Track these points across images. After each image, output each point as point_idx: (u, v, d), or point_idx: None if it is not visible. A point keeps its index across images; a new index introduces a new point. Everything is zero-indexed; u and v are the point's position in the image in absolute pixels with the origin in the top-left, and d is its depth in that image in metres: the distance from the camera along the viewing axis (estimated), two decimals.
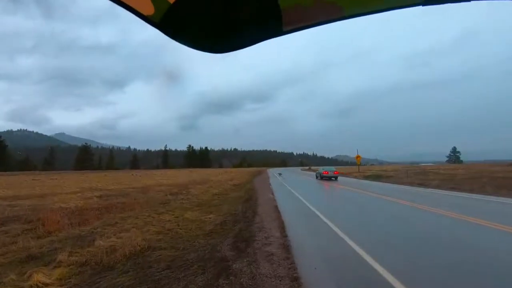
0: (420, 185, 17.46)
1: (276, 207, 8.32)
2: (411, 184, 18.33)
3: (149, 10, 0.63)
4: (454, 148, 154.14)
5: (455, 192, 12.51)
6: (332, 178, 24.69)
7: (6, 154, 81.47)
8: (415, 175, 28.15)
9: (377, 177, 26.05)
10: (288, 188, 15.94)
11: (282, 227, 5.47)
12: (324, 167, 28.42)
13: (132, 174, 48.99)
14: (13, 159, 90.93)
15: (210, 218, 7.65)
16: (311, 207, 8.51)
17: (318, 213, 7.44)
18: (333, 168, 27.41)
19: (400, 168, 54.90)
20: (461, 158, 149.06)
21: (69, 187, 22.77)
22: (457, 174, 27.56)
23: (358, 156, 33.27)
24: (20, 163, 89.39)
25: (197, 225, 6.69)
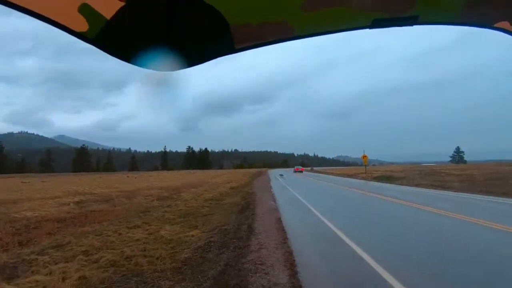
0: (440, 187, 15.54)
1: (279, 220, 6.36)
2: (429, 186, 16.39)
3: (82, 27, 0.60)
4: (458, 148, 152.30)
5: (491, 197, 10.54)
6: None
7: (3, 156, 79.91)
8: (427, 176, 26.21)
9: (387, 179, 24.11)
10: (292, 193, 13.83)
11: (291, 263, 3.49)
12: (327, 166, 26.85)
13: (127, 176, 47.24)
14: (11, 161, 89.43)
15: (192, 236, 5.77)
16: (328, 222, 6.33)
17: (339, 232, 5.27)
18: (300, 166, 60.02)
19: (406, 169, 52.83)
20: (464, 158, 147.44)
21: (53, 191, 20.94)
22: (472, 174, 25.61)
23: (364, 156, 31.26)
24: (17, 166, 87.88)
25: (170, 251, 4.80)
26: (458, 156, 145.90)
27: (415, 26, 0.69)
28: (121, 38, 0.65)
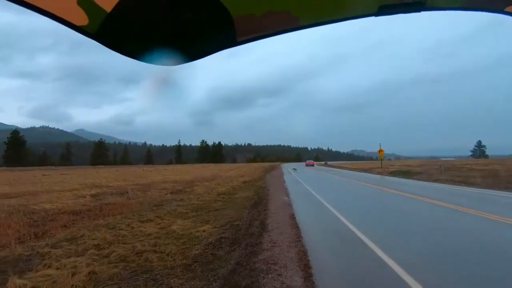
0: (462, 183, 14.84)
1: (292, 217, 6.11)
2: (449, 182, 15.71)
3: (82, 21, 0.59)
4: (479, 142, 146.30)
5: None
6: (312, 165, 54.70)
7: (25, 149, 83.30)
8: (447, 171, 25.19)
9: (404, 174, 23.35)
10: (306, 187, 13.49)
11: (306, 265, 3.26)
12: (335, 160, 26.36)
13: (143, 170, 48.18)
14: (33, 154, 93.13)
15: (203, 231, 5.66)
16: (344, 219, 5.95)
17: (356, 230, 5.01)
18: (311, 160, 67.24)
19: (424, 163, 51.17)
20: (486, 153, 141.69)
21: (71, 184, 21.55)
22: (496, 170, 24.37)
23: (381, 150, 30.43)
24: (39, 159, 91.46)
25: (181, 246, 4.71)
26: (479, 151, 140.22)
27: (429, 13, 0.66)
28: (122, 32, 0.64)
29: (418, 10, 0.65)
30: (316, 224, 5.92)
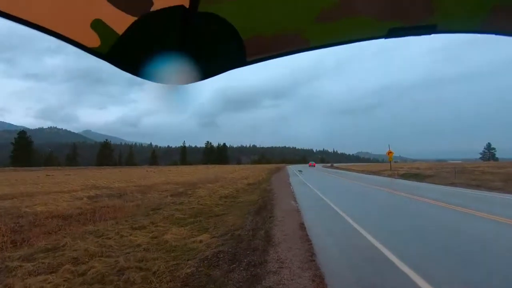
0: (480, 187, 13.90)
1: (302, 226, 5.29)
2: (465, 185, 14.75)
3: (94, 42, 0.61)
4: (489, 145, 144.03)
5: None
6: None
7: (31, 150, 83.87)
8: (460, 174, 24.09)
9: (415, 177, 22.37)
10: (314, 191, 12.59)
11: None
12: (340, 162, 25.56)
13: (147, 170, 47.81)
14: (39, 155, 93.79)
15: (199, 242, 4.94)
16: (363, 231, 5.08)
17: (380, 245, 4.20)
18: (313, 161, 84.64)
19: (433, 166, 49.78)
20: (496, 155, 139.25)
21: (72, 184, 21.08)
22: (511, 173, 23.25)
23: (390, 152, 29.43)
24: (45, 159, 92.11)
25: (172, 262, 3.99)
26: (489, 153, 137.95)
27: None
28: (133, 53, 0.65)
29: (429, 33, 0.65)
30: (331, 238, 4.99)
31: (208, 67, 0.70)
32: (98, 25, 0.56)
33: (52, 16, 0.53)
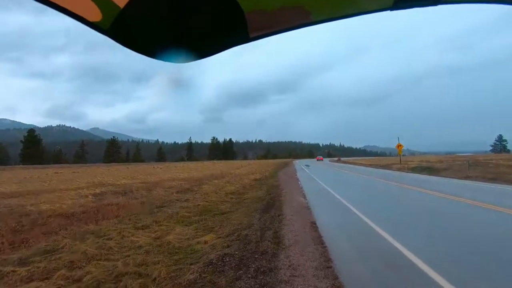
0: (498, 180, 13.31)
1: (314, 226, 4.91)
2: (482, 179, 14.16)
3: (96, 16, 0.59)
4: (500, 136, 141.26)
5: None
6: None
7: (40, 148, 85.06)
8: (474, 167, 23.35)
9: (427, 170, 21.72)
10: (323, 187, 12.12)
11: None
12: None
13: (153, 167, 47.91)
14: (48, 153, 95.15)
15: (204, 243, 4.63)
16: (382, 232, 4.57)
17: (404, 249, 3.72)
18: (320, 155, 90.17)
19: (444, 159, 48.79)
20: (508, 147, 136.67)
21: (79, 182, 21.12)
22: None
23: (399, 145, 28.61)
24: (54, 157, 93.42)
25: (174, 267, 3.68)
26: (500, 145, 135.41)
27: (444, 6, 0.65)
28: (134, 29, 0.64)
29: (435, 4, 0.64)
30: (347, 240, 4.48)
31: (211, 44, 0.70)
32: None
33: None
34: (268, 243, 4.02)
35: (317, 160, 73.76)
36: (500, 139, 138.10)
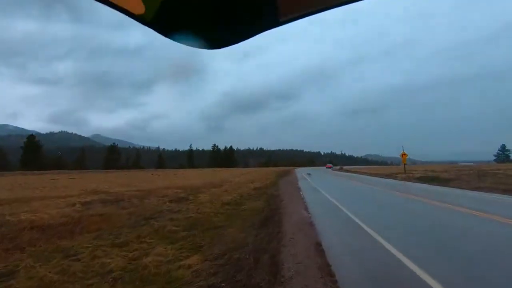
0: (510, 192, 12.44)
1: (319, 249, 4.01)
2: (497, 190, 13.28)
3: (140, 9, 0.63)
4: (504, 146, 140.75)
5: None
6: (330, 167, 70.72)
7: (40, 154, 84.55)
8: (482, 177, 22.43)
9: (435, 180, 20.83)
10: (327, 198, 11.04)
11: None
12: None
13: (152, 174, 47.16)
14: (48, 158, 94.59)
15: (186, 269, 3.84)
16: (406, 261, 3.69)
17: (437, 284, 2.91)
18: (330, 164, 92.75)
19: (448, 168, 47.68)
20: (511, 157, 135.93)
21: (72, 189, 20.34)
22: None
23: (404, 154, 27.88)
24: (54, 163, 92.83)
25: None
26: (503, 155, 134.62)
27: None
28: (173, 18, 0.67)
29: None
30: (364, 270, 3.51)
31: (242, 28, 0.71)
32: None
33: None
34: (263, 273, 3.22)
35: (326, 167, 79.77)
36: (503, 148, 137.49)
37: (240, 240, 5.08)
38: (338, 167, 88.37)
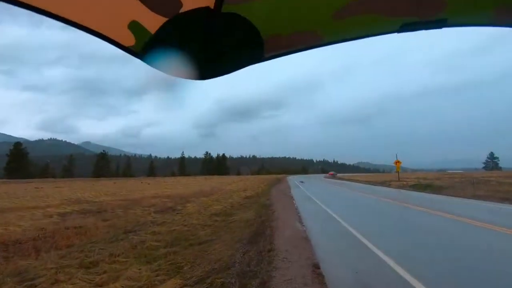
0: (507, 200, 12.16)
1: (317, 271, 3.41)
2: (494, 198, 12.99)
3: (130, 41, 0.64)
4: (492, 154, 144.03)
5: None
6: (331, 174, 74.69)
7: (26, 162, 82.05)
8: (476, 184, 22.30)
9: (430, 188, 20.54)
10: (322, 208, 10.29)
11: None
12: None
13: (141, 182, 45.95)
14: (35, 166, 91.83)
15: None
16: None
17: None
18: (333, 171, 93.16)
19: (439, 176, 47.94)
20: (499, 165, 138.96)
21: (54, 199, 19.34)
22: None
23: (397, 162, 27.63)
24: (40, 171, 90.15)
25: None
26: (492, 163, 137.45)
27: (443, 29, 0.67)
28: (162, 51, 0.68)
29: (440, 27, 0.65)
30: None
31: (229, 63, 0.74)
32: (134, 26, 0.61)
33: (97, 19, 0.58)
34: None
35: (329, 175, 79.27)
36: (492, 156, 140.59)
37: (226, 259, 4.47)
38: (332, 173, 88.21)
